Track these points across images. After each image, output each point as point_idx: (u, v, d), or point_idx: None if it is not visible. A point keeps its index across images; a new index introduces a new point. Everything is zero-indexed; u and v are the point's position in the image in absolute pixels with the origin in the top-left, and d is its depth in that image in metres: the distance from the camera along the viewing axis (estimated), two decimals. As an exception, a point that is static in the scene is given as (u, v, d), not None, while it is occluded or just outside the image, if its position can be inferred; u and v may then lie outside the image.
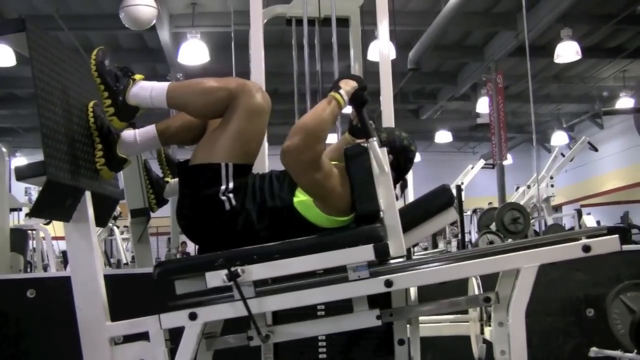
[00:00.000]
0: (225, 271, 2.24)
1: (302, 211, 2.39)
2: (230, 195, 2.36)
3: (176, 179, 3.42)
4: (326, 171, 2.33)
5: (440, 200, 2.67)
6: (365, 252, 2.26)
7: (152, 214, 5.11)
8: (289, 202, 2.40)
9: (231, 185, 2.36)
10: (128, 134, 2.59)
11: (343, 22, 3.78)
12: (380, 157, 2.33)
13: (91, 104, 2.56)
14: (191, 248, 16.13)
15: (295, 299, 2.32)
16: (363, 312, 2.39)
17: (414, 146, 2.68)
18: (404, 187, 2.97)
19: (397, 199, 2.39)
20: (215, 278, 2.26)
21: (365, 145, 2.38)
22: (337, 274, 2.34)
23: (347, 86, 2.41)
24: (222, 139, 2.37)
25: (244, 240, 2.35)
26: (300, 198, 2.39)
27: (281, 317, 2.58)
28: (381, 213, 2.33)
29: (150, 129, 2.63)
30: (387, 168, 2.33)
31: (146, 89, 2.45)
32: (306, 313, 2.51)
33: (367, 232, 2.31)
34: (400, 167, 2.61)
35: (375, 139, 2.35)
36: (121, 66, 2.50)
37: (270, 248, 2.32)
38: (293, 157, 2.26)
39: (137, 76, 2.48)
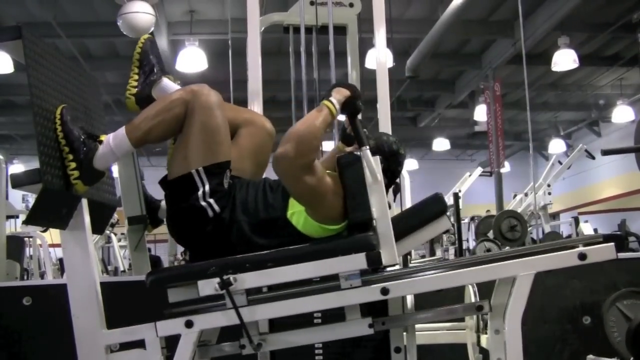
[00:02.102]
0: (217, 279, 2.25)
1: (294, 222, 2.39)
2: (211, 200, 2.36)
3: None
4: (318, 178, 2.33)
5: (433, 208, 2.67)
6: (357, 261, 2.26)
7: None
8: (282, 213, 2.40)
9: (207, 188, 2.36)
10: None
11: (340, 30, 3.79)
12: (373, 166, 2.34)
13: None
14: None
15: (287, 308, 2.33)
16: (355, 320, 2.39)
17: (402, 149, 2.68)
18: (396, 191, 2.97)
19: (390, 206, 2.39)
20: (208, 286, 2.27)
21: (358, 153, 2.38)
22: (331, 282, 2.33)
23: (339, 95, 2.41)
24: (187, 148, 2.39)
25: (236, 250, 2.36)
26: (294, 209, 2.39)
27: (277, 324, 2.58)
28: (374, 221, 2.33)
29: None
30: (380, 177, 2.34)
31: (107, 145, 2.39)
32: (302, 321, 2.51)
33: (360, 241, 2.31)
34: (391, 171, 2.62)
35: (367, 147, 2.36)
36: (86, 129, 2.44)
37: (262, 256, 2.32)
38: (286, 164, 2.26)
39: (103, 137, 2.41)
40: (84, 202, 2.44)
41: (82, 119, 2.58)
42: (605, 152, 3.37)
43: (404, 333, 2.83)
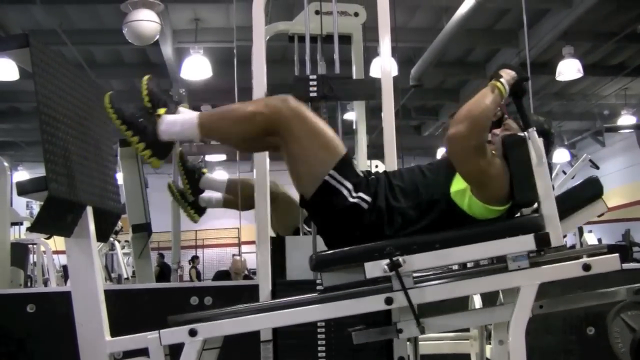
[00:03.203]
0: (386, 261, 2.23)
1: (458, 201, 2.38)
2: (360, 194, 2.36)
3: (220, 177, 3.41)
4: (489, 158, 2.33)
5: (590, 191, 2.65)
6: (526, 242, 2.27)
7: (153, 229, 5.13)
8: (446, 192, 2.40)
9: (349, 185, 2.36)
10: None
11: (345, 39, 3.80)
12: (539, 147, 2.33)
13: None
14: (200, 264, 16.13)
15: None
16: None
17: (553, 129, 2.70)
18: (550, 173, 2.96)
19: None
20: (376, 268, 2.25)
21: (523, 135, 2.37)
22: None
23: (508, 75, 2.40)
24: (307, 160, 2.37)
25: (398, 236, 2.34)
26: (457, 187, 2.39)
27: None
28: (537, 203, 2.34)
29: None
30: (545, 159, 2.33)
31: (175, 124, 2.41)
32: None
33: (528, 222, 2.34)
34: (546, 151, 2.55)
35: (534, 129, 2.35)
36: (139, 105, 2.46)
37: (430, 238, 2.32)
38: (459, 144, 2.27)
39: (160, 110, 2.43)
40: (89, 209, 2.45)
41: (89, 127, 2.59)
42: (608, 129, 3.38)
43: (408, 342, 2.83)
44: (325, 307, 2.29)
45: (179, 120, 2.42)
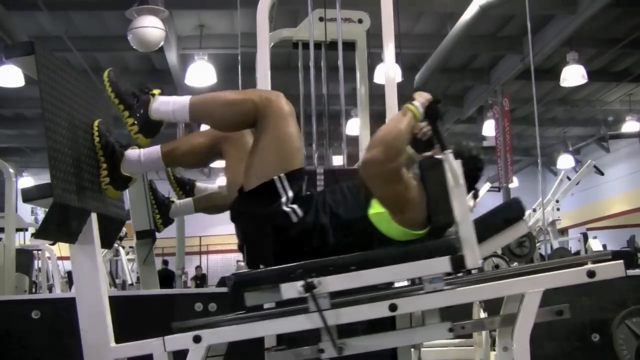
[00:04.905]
0: (301, 282, 2.22)
1: (376, 223, 2.39)
2: (294, 205, 2.37)
3: (183, 200, 3.44)
4: (405, 182, 2.34)
5: (511, 213, 2.65)
6: (441, 264, 2.26)
7: (158, 235, 5.13)
8: (364, 214, 2.40)
9: (290, 194, 2.37)
10: (132, 153, 2.61)
11: (349, 45, 3.81)
12: (455, 170, 2.32)
13: (96, 122, 2.59)
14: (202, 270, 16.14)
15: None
16: (435, 324, 2.35)
17: (482, 155, 2.70)
18: (475, 197, 2.96)
19: (470, 210, 2.39)
20: (291, 289, 2.24)
21: (440, 157, 2.37)
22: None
23: (422, 98, 2.40)
24: (265, 155, 2.40)
25: (318, 254, 2.34)
26: (376, 210, 2.39)
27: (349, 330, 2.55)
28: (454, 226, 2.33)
29: (155, 150, 2.65)
30: (462, 180, 2.33)
31: (168, 104, 2.47)
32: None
33: (443, 244, 2.33)
34: (471, 176, 2.55)
35: (450, 151, 2.33)
36: (136, 83, 2.53)
37: (346, 259, 2.31)
38: (374, 169, 2.28)
39: (155, 91, 2.50)
40: (93, 216, 2.45)
41: (93, 133, 2.59)
42: (612, 136, 3.40)
43: (412, 350, 2.83)
44: (329, 314, 2.29)
45: (172, 100, 2.48)
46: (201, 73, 9.81)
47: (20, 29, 8.95)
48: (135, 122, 2.45)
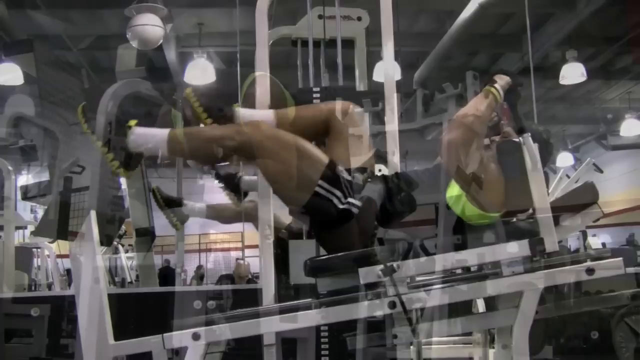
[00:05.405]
0: (380, 267, 2.22)
1: (453, 206, 2.40)
2: (349, 199, 2.35)
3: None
4: (484, 165, 2.35)
5: (585, 197, 2.65)
6: (521, 248, 2.26)
7: (156, 234, 5.13)
8: (442, 197, 2.41)
9: (338, 193, 2.35)
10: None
11: (348, 43, 3.81)
12: (534, 153, 2.32)
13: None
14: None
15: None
16: (510, 309, 2.35)
17: (552, 139, 2.70)
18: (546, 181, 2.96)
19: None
20: (370, 274, 2.25)
21: (518, 140, 2.36)
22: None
23: (502, 81, 2.40)
24: (291, 177, 2.37)
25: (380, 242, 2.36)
26: (452, 193, 2.40)
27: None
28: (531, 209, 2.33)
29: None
30: (540, 164, 2.33)
31: (145, 136, 2.42)
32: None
33: (523, 228, 2.35)
34: (543, 160, 2.55)
35: (529, 134, 2.33)
36: (112, 117, 2.46)
37: (424, 244, 2.33)
38: (454, 150, 2.30)
39: (131, 122, 2.43)
40: (93, 214, 2.45)
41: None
42: (615, 147, 3.40)
43: (411, 347, 2.82)
44: (327, 311, 2.29)
45: (149, 133, 2.42)
46: (200, 71, 9.79)
47: (17, 27, 8.93)
48: (115, 157, 2.40)
